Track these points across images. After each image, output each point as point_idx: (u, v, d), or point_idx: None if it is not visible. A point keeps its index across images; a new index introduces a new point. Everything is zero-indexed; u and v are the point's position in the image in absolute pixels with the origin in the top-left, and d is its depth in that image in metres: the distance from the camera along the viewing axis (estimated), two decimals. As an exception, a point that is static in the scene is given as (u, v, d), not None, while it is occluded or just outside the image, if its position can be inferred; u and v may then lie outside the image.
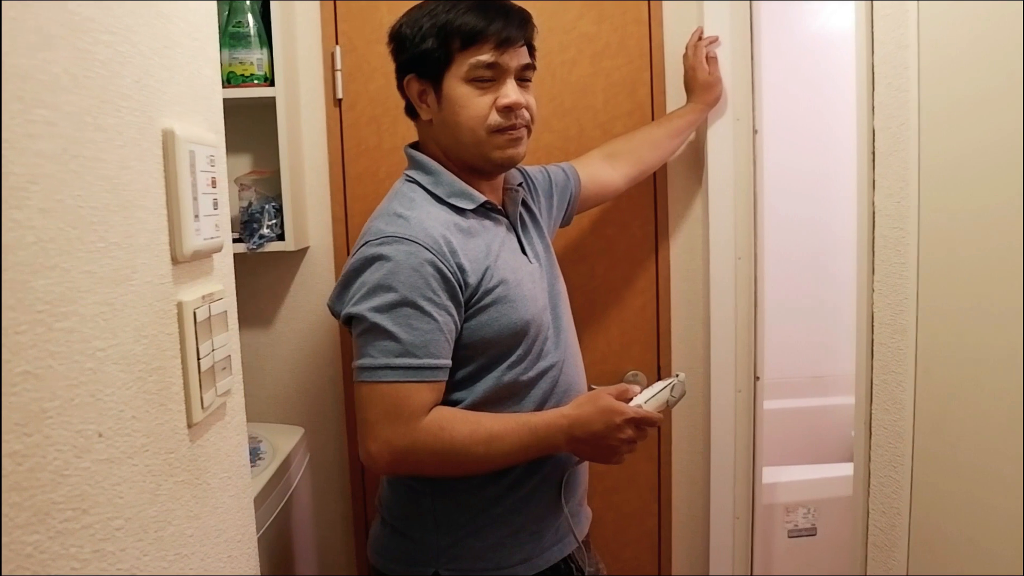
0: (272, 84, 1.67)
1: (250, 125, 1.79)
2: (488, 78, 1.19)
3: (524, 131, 1.24)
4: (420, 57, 1.21)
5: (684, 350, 1.92)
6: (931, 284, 0.98)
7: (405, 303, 1.11)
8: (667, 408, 1.25)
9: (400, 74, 1.27)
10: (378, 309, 1.12)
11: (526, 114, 1.23)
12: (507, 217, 1.31)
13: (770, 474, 2.08)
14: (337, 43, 1.81)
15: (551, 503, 1.27)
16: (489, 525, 1.25)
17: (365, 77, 1.82)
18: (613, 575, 1.84)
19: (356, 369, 1.14)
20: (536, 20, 1.81)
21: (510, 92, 1.20)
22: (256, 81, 1.68)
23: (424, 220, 1.17)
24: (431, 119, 1.25)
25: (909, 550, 1.05)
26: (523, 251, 1.29)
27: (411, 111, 1.29)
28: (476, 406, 1.20)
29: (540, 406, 1.24)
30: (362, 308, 1.12)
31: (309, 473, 1.74)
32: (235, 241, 1.71)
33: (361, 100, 1.82)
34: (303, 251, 1.85)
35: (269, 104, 1.67)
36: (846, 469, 2.26)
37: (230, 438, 0.92)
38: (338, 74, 1.81)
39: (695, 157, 1.86)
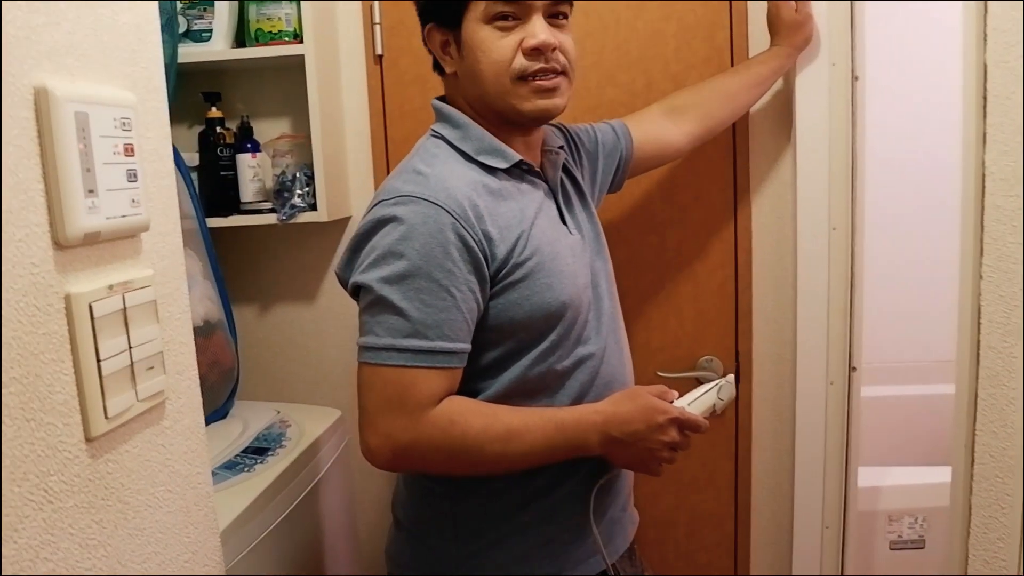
0: (302, 41, 1.54)
1: (286, 87, 1.67)
2: (511, 15, 1.02)
3: (560, 78, 1.05)
4: (436, 3, 1.07)
5: (768, 334, 1.68)
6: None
7: (418, 274, 0.95)
8: (713, 413, 1.08)
9: (422, 25, 1.12)
10: (387, 280, 0.96)
11: (560, 57, 1.04)
12: (546, 181, 1.14)
13: (870, 476, 1.82)
14: (377, -5, 1.65)
15: (585, 511, 1.10)
16: (514, 534, 1.10)
17: (408, 31, 1.66)
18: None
19: (359, 348, 1.00)
20: (618, 27, 1.61)
21: (537, 31, 1.02)
22: (286, 38, 1.55)
23: (447, 178, 1.00)
24: (455, 71, 1.09)
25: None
26: (563, 221, 1.12)
27: (438, 66, 1.13)
28: (501, 399, 1.04)
29: (577, 400, 1.08)
30: (369, 277, 0.97)
31: (346, 457, 1.63)
32: (269, 211, 1.61)
33: (404, 57, 1.66)
34: (344, 221, 1.73)
35: (304, 63, 1.54)
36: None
37: (171, 445, 0.79)
38: (377, 28, 1.65)
39: (782, 109, 1.59)
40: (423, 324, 0.96)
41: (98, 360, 0.67)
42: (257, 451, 1.37)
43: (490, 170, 1.06)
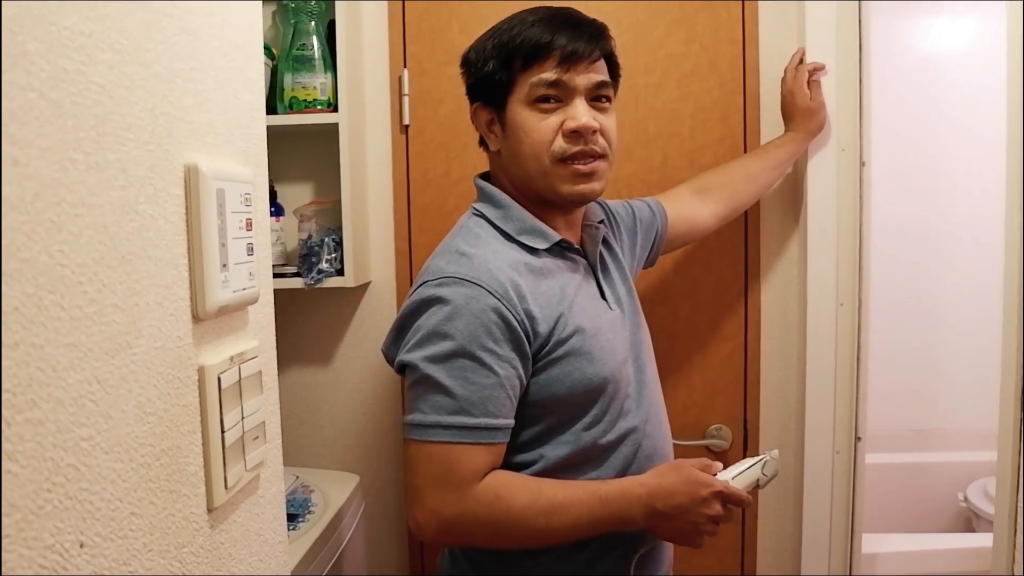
0: (336, 109, 1.58)
1: (312, 152, 1.70)
2: (553, 97, 1.06)
3: (599, 162, 1.08)
4: (484, 81, 1.10)
5: (775, 404, 1.73)
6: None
7: (462, 354, 0.98)
8: (757, 487, 1.09)
9: (471, 103, 1.16)
10: (432, 359, 0.99)
11: (602, 140, 1.08)
12: (586, 257, 1.17)
13: (870, 543, 1.86)
14: (405, 66, 1.71)
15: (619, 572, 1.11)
16: None
17: (435, 102, 1.72)
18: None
19: (406, 425, 1.02)
20: (619, 39, 1.68)
21: (579, 113, 1.05)
22: (319, 107, 1.59)
23: (490, 259, 1.04)
24: (499, 149, 1.13)
25: None
26: (603, 296, 1.15)
27: (484, 142, 1.17)
28: (547, 472, 1.06)
29: (621, 473, 1.09)
30: (415, 356, 1.00)
31: (363, 524, 1.62)
32: (293, 275, 1.62)
33: (429, 126, 1.72)
34: (364, 286, 1.75)
35: (332, 130, 1.58)
36: (957, 540, 2.03)
37: (263, 514, 0.80)
38: (405, 99, 1.70)
39: (792, 191, 1.68)
40: (468, 401, 0.98)
41: (222, 431, 0.68)
42: (288, 517, 1.35)
43: (531, 250, 1.09)
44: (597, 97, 1.08)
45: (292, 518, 1.35)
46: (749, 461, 1.10)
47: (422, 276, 1.06)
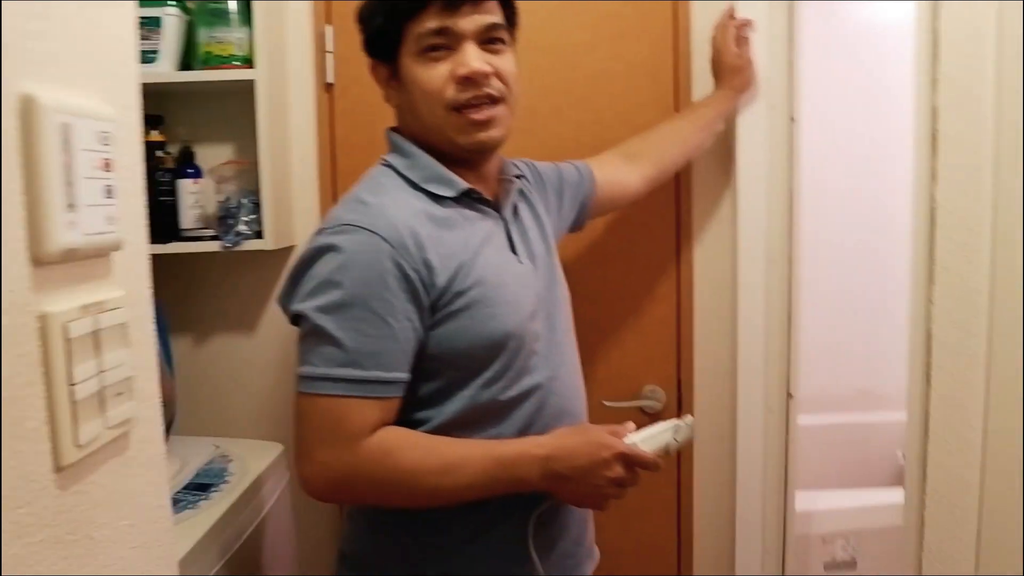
0: (253, 66, 1.51)
1: (232, 111, 1.64)
2: (442, 46, 1.02)
3: (496, 108, 1.05)
4: (375, 37, 1.07)
5: (709, 364, 1.72)
6: (1009, 299, 0.78)
7: (355, 303, 0.95)
8: (668, 454, 1.06)
9: (369, 59, 1.12)
10: (323, 309, 0.96)
11: (497, 83, 1.04)
12: (498, 210, 1.14)
13: (805, 500, 1.87)
14: (329, 23, 1.65)
15: (524, 547, 1.08)
16: (460, 568, 1.08)
17: (360, 60, 1.61)
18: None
19: (297, 378, 0.99)
20: (562, 33, 1.65)
21: (468, 59, 1.01)
22: (236, 63, 1.53)
23: (389, 207, 1.00)
24: (399, 104, 1.10)
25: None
26: (513, 249, 1.12)
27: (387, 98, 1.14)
28: (445, 428, 1.03)
29: (523, 431, 1.07)
30: (307, 306, 0.97)
31: (290, 494, 1.58)
32: (211, 238, 1.57)
33: (356, 85, 1.66)
34: (288, 250, 1.69)
35: (251, 88, 1.52)
36: (891, 496, 2.05)
37: (136, 476, 0.75)
38: (329, 56, 1.65)
39: (723, 149, 1.66)
40: (359, 353, 0.95)
41: (71, 384, 0.63)
42: (199, 487, 1.31)
43: (437, 199, 1.06)
44: (490, 40, 1.04)
45: (205, 487, 1.31)
46: (661, 425, 1.08)
47: (321, 224, 1.03)
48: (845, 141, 2.60)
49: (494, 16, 1.05)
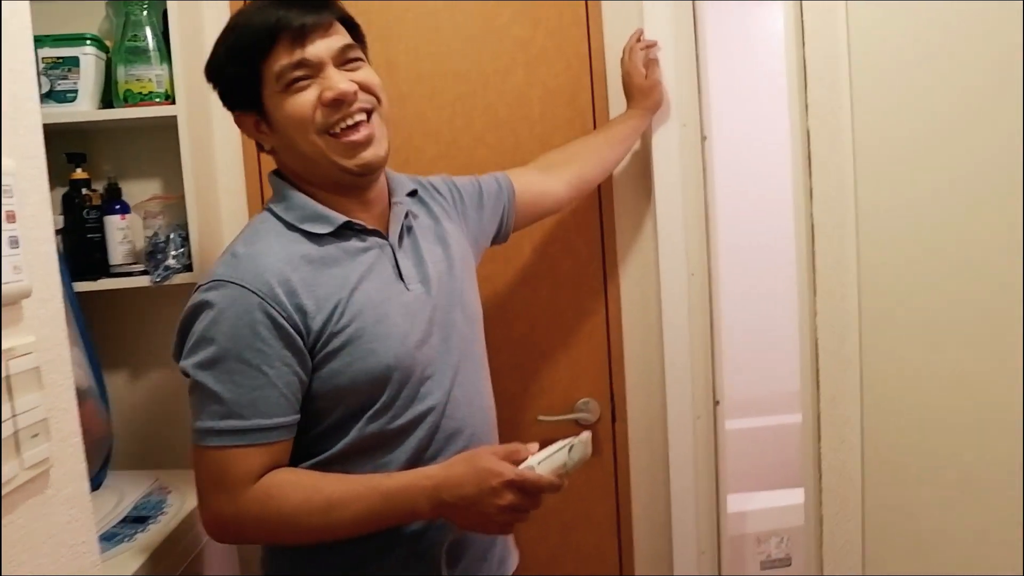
0: (174, 102, 1.53)
1: (157, 147, 1.65)
2: (303, 76, 1.03)
3: (370, 126, 1.07)
4: (232, 87, 1.08)
5: (638, 375, 1.78)
6: (874, 309, 0.85)
7: (228, 357, 0.99)
8: (565, 472, 1.05)
9: (231, 112, 1.13)
10: (201, 365, 1.00)
11: (366, 96, 1.06)
12: (384, 237, 1.14)
13: (738, 502, 1.94)
14: (252, 56, 1.67)
15: (432, 569, 1.10)
16: None
17: (284, 92, 1.68)
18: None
19: (191, 432, 1.03)
20: (465, 25, 1.71)
21: (333, 82, 1.03)
22: (156, 99, 1.54)
23: (259, 258, 1.03)
24: (274, 147, 1.11)
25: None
26: (400, 276, 1.12)
27: (260, 146, 1.15)
28: (340, 460, 1.06)
29: (417, 455, 1.08)
30: (188, 363, 1.01)
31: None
32: (140, 273, 1.58)
33: (280, 117, 1.68)
34: (220, 281, 1.70)
35: (174, 124, 1.53)
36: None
37: (54, 516, 0.77)
38: (252, 89, 1.67)
39: (641, 168, 1.72)
40: (237, 404, 0.99)
41: (-19, 430, 0.66)
42: (137, 520, 1.32)
43: (315, 237, 1.07)
44: (347, 60, 1.06)
45: (143, 520, 1.32)
46: (556, 445, 1.06)
47: (199, 281, 1.06)
48: (758, 151, 2.69)
49: (343, 38, 1.07)
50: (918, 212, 0.85)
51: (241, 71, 1.05)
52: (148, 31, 1.53)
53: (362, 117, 1.06)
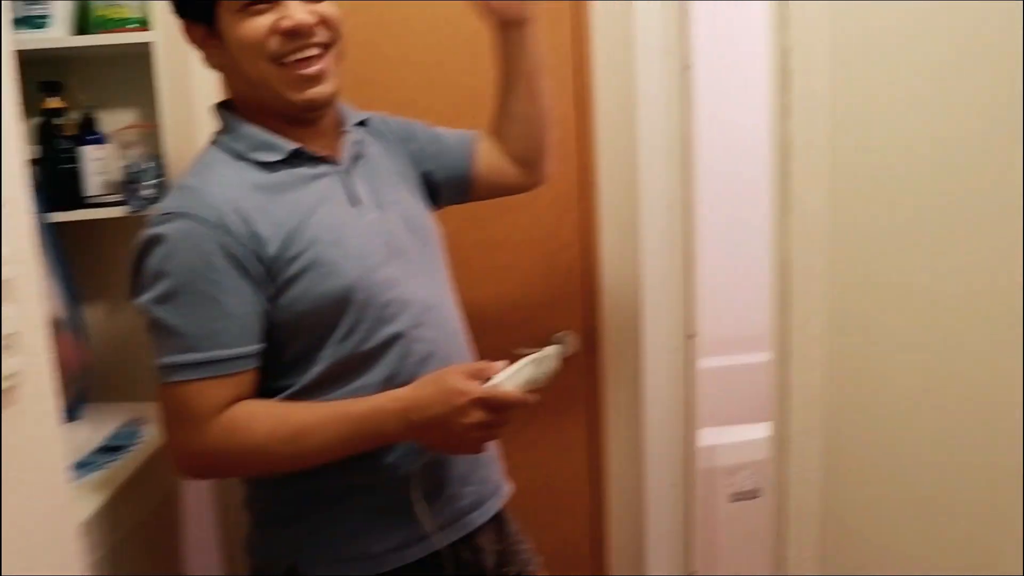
0: (149, 29, 1.51)
1: (133, 75, 1.61)
2: (264, 0, 1.00)
3: (324, 61, 1.04)
4: None
5: (614, 307, 1.80)
6: (847, 229, 0.86)
7: (184, 290, 0.98)
8: (533, 386, 1.03)
9: (180, 20, 1.09)
10: (157, 300, 0.98)
11: (324, 31, 1.04)
12: (335, 164, 1.12)
13: (711, 436, 1.98)
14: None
15: (408, 492, 1.09)
16: (343, 514, 1.11)
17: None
18: (547, 551, 1.75)
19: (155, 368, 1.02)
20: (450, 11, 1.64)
21: (292, 11, 1.00)
22: (132, 25, 1.52)
23: (209, 187, 1.01)
24: (222, 65, 1.07)
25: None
26: (353, 201, 1.11)
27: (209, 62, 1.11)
28: (312, 390, 1.06)
29: (389, 380, 1.08)
30: (144, 300, 1.00)
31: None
32: (117, 204, 1.57)
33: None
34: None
35: (150, 51, 1.51)
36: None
37: (26, 430, 0.79)
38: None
39: (623, 96, 1.70)
40: (196, 337, 0.98)
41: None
42: (111, 449, 1.34)
43: (265, 165, 1.05)
44: None
45: (115, 449, 1.34)
46: (524, 360, 1.03)
47: (150, 217, 1.04)
48: (740, 84, 2.66)
49: None
50: (896, 126, 0.85)
51: None
52: (122, -46, 1.50)
53: (316, 51, 1.03)
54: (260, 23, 1.00)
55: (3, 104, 0.76)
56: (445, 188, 1.29)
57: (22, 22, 1.49)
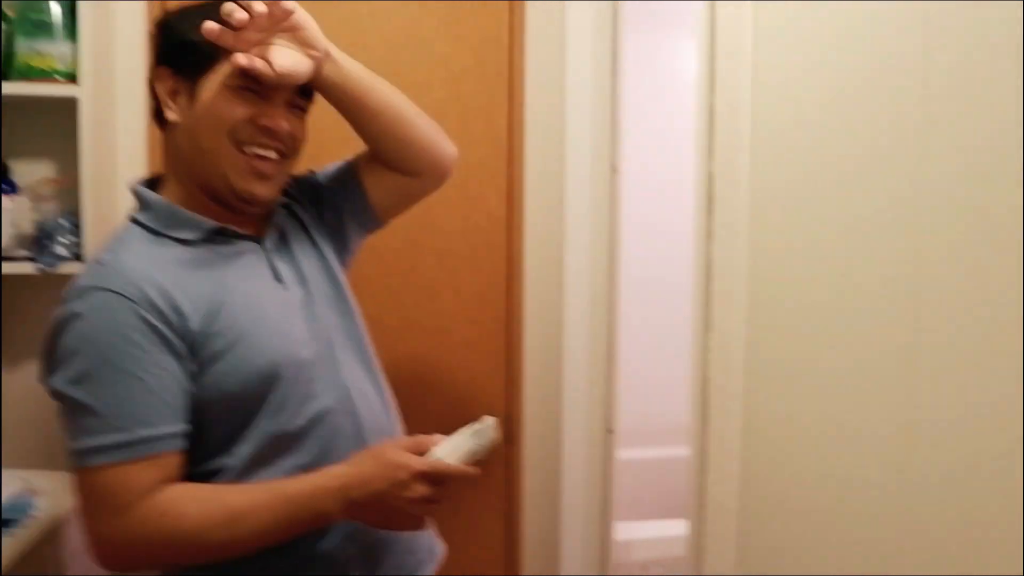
0: (77, 82, 1.47)
1: (53, 126, 1.57)
2: (254, 90, 1.00)
3: (279, 166, 1.05)
4: (182, 48, 1.02)
5: (536, 399, 1.80)
6: (762, 347, 0.89)
7: (102, 367, 0.91)
8: (473, 459, 1.02)
9: (156, 66, 1.06)
10: (72, 380, 0.92)
11: (290, 143, 1.05)
12: (259, 242, 1.10)
13: (626, 530, 1.98)
14: (165, 43, 1.62)
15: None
16: None
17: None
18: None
19: (69, 455, 0.94)
20: (388, 37, 1.70)
21: (278, 114, 1.02)
22: (58, 77, 1.47)
23: (126, 261, 0.97)
24: (177, 122, 1.04)
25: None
26: (277, 278, 1.09)
27: (159, 116, 1.07)
28: (246, 470, 1.00)
29: (323, 456, 1.04)
30: (58, 381, 0.93)
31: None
32: (26, 259, 1.49)
33: (191, 108, 1.63)
34: (112, 274, 1.63)
35: (75, 104, 1.47)
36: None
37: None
38: (162, 76, 1.61)
39: (553, 196, 1.75)
40: (117, 417, 0.91)
41: None
42: (2, 522, 1.24)
43: (183, 242, 1.03)
44: (296, 104, 1.05)
45: (6, 523, 1.24)
46: (462, 432, 1.03)
47: (63, 293, 0.98)
48: (665, 188, 2.78)
49: (306, 86, 1.05)
50: (811, 258, 0.89)
51: (207, 46, 0.97)
52: (54, 5, 1.46)
53: (275, 156, 1.03)
54: (242, 108, 0.99)
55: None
56: (352, 217, 1.24)
57: (-61, 63, 1.43)
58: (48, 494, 1.40)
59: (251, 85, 1.00)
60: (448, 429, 1.72)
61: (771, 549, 0.95)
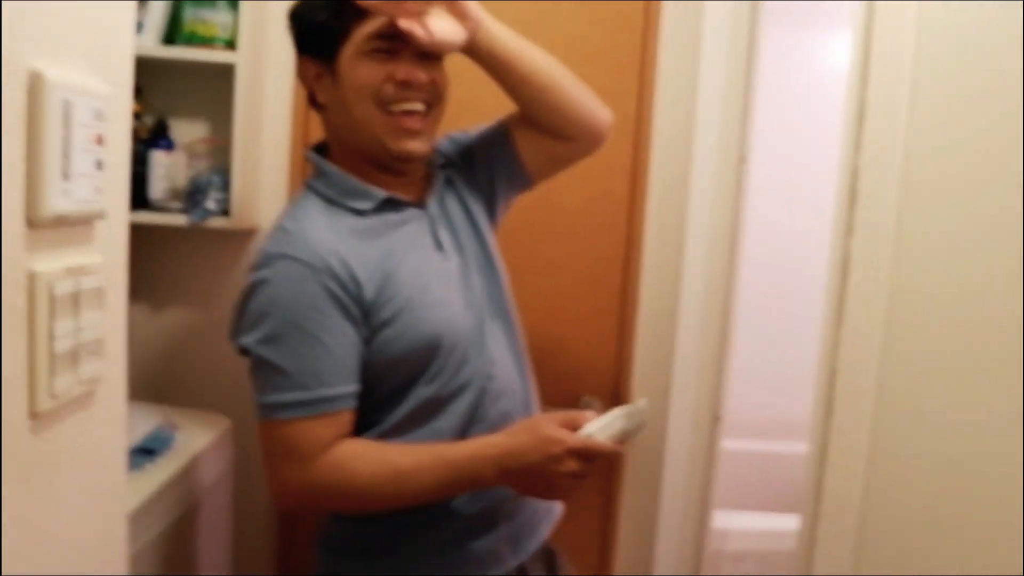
0: (235, 50, 1.56)
1: (209, 89, 1.68)
2: (386, 49, 1.05)
3: (429, 118, 1.09)
4: (313, 32, 1.09)
5: (645, 382, 1.81)
6: (898, 350, 0.88)
7: (289, 330, 1.01)
8: (624, 439, 1.06)
9: (298, 56, 1.13)
10: (262, 340, 1.02)
11: (433, 92, 1.09)
12: (424, 208, 1.16)
13: (722, 519, 1.98)
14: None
15: (488, 532, 1.14)
16: (424, 551, 1.13)
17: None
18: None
19: (256, 408, 1.05)
20: (521, 13, 1.73)
21: (409, 65, 1.05)
22: (219, 44, 1.57)
23: (309, 231, 1.05)
24: (328, 102, 1.11)
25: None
26: (439, 246, 1.15)
27: (313, 100, 1.15)
28: (400, 427, 1.09)
29: (466, 421, 1.12)
30: (249, 340, 1.03)
31: (233, 471, 1.62)
32: (178, 211, 1.61)
33: (333, 78, 1.71)
34: (251, 232, 1.74)
35: (231, 71, 1.57)
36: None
37: (98, 432, 0.81)
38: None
39: (677, 181, 1.75)
40: (301, 375, 1.01)
41: (51, 338, 0.69)
42: (145, 451, 1.35)
43: (357, 212, 1.09)
44: (426, 55, 1.08)
45: (151, 451, 1.35)
46: (617, 412, 1.05)
47: (252, 260, 1.08)
48: (795, 182, 2.73)
49: None
50: (957, 259, 0.88)
51: (332, 21, 1.05)
52: (220, -24, 1.56)
53: (421, 107, 1.08)
54: (378, 68, 1.05)
55: (120, 108, 0.79)
56: (504, 177, 1.25)
57: (115, 27, 1.54)
58: (185, 429, 1.52)
59: (380, 46, 1.05)
60: (554, 400, 1.78)
61: (893, 551, 0.95)
